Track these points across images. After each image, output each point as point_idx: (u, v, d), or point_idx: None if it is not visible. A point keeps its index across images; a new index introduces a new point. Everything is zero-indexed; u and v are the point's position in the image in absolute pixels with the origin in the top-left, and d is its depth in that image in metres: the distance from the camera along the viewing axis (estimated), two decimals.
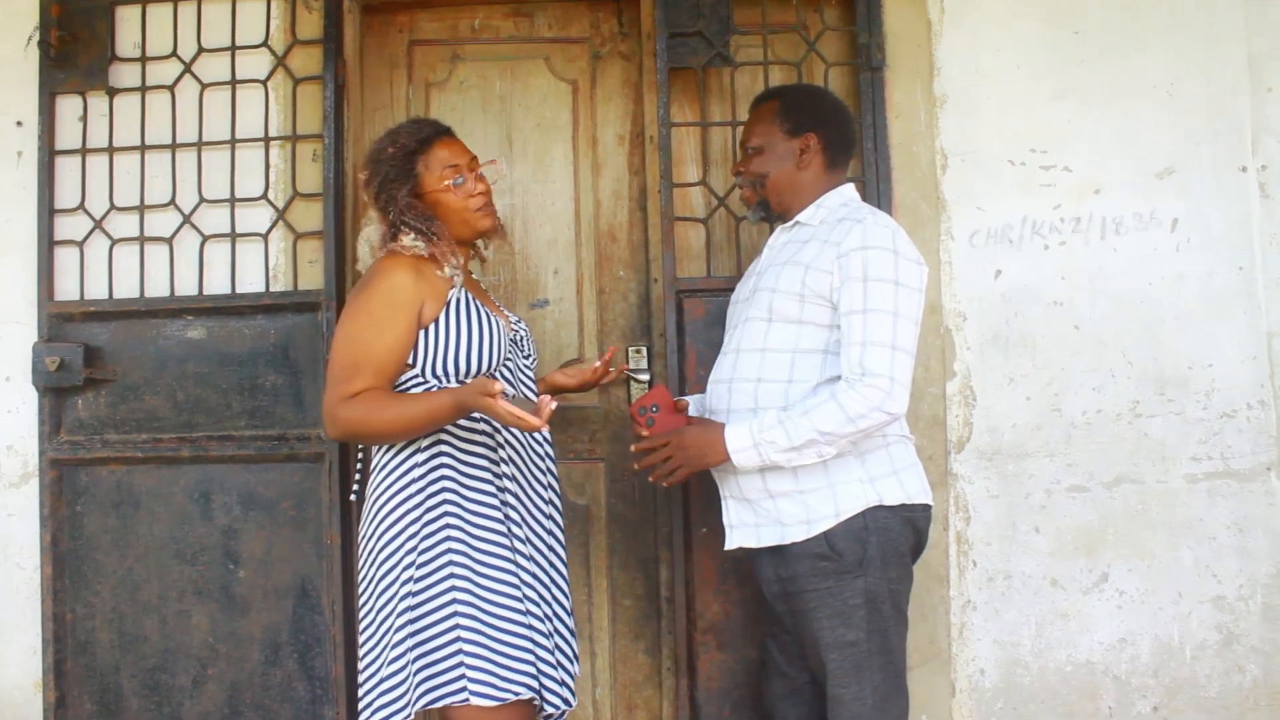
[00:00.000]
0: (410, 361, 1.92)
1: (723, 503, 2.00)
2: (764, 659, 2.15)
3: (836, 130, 2.07)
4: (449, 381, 1.92)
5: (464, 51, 2.66)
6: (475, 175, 2.01)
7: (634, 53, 2.62)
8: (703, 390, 2.14)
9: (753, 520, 1.94)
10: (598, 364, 2.20)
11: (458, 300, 1.94)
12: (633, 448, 2.00)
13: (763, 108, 2.10)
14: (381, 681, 1.84)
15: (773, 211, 2.08)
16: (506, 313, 2.14)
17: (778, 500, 1.89)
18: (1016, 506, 2.43)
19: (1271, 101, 2.44)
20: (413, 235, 1.94)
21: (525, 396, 2.03)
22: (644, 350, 2.54)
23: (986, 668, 2.43)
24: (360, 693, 1.89)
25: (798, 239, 2.01)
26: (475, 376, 1.92)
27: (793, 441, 1.82)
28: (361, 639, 1.93)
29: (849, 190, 2.07)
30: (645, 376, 2.52)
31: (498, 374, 1.97)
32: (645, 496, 2.56)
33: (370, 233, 2.05)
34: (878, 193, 2.43)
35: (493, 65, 2.65)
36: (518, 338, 2.08)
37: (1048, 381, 2.44)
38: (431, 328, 1.91)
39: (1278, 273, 2.42)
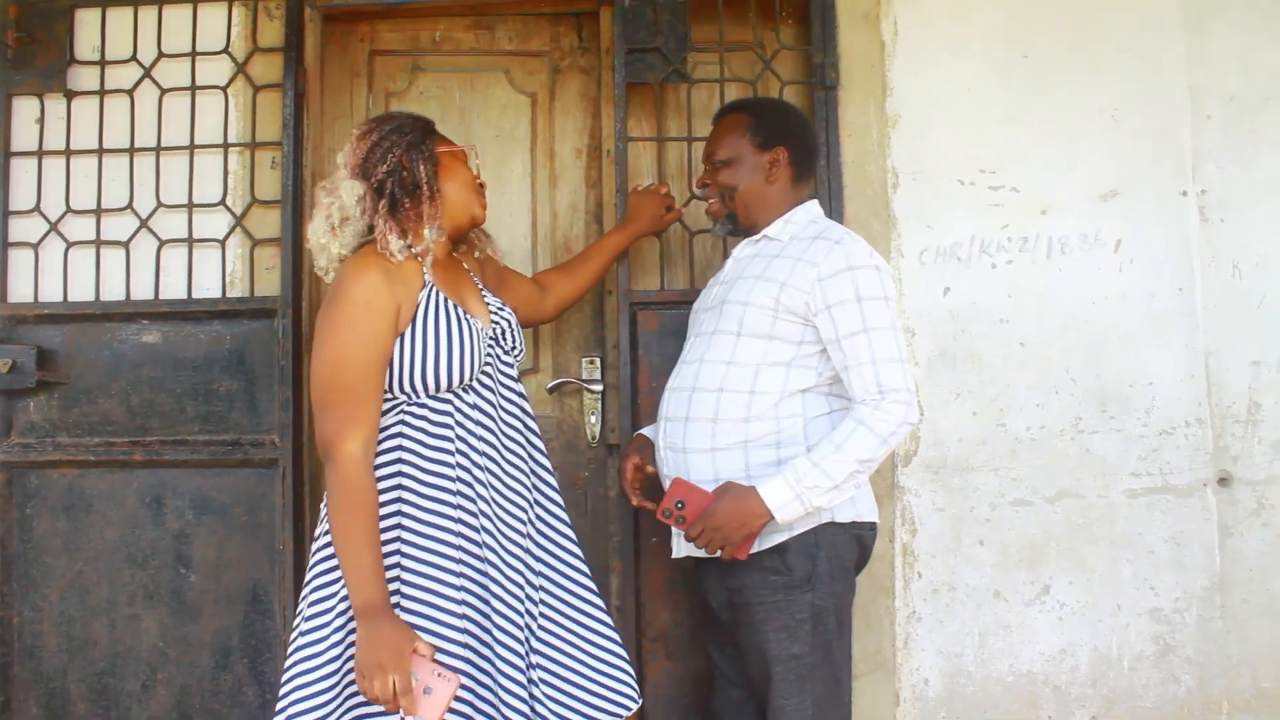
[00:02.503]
0: None
1: None
2: (712, 670, 2.16)
3: (803, 144, 2.09)
4: (422, 397, 1.80)
5: (425, 62, 2.68)
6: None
7: (593, 67, 2.65)
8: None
9: None
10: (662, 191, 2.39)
11: (430, 302, 1.81)
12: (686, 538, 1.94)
13: (731, 119, 2.10)
14: (305, 685, 1.74)
15: (740, 225, 2.08)
16: (490, 300, 1.99)
17: None
18: (961, 519, 2.48)
19: (1210, 128, 2.50)
20: (396, 234, 1.80)
21: (522, 427, 1.95)
22: (598, 361, 2.56)
23: (930, 677, 2.47)
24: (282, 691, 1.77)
25: (766, 253, 2.02)
26: (449, 389, 1.81)
27: (835, 480, 1.80)
28: (296, 639, 1.82)
29: (815, 207, 2.09)
30: (599, 388, 2.55)
31: (474, 385, 1.85)
32: (597, 506, 2.58)
33: (351, 189, 1.83)
34: (830, 209, 2.46)
35: (453, 77, 2.67)
36: (498, 332, 1.94)
37: (993, 397, 2.49)
38: (405, 336, 1.79)
39: (1216, 294, 2.49)
